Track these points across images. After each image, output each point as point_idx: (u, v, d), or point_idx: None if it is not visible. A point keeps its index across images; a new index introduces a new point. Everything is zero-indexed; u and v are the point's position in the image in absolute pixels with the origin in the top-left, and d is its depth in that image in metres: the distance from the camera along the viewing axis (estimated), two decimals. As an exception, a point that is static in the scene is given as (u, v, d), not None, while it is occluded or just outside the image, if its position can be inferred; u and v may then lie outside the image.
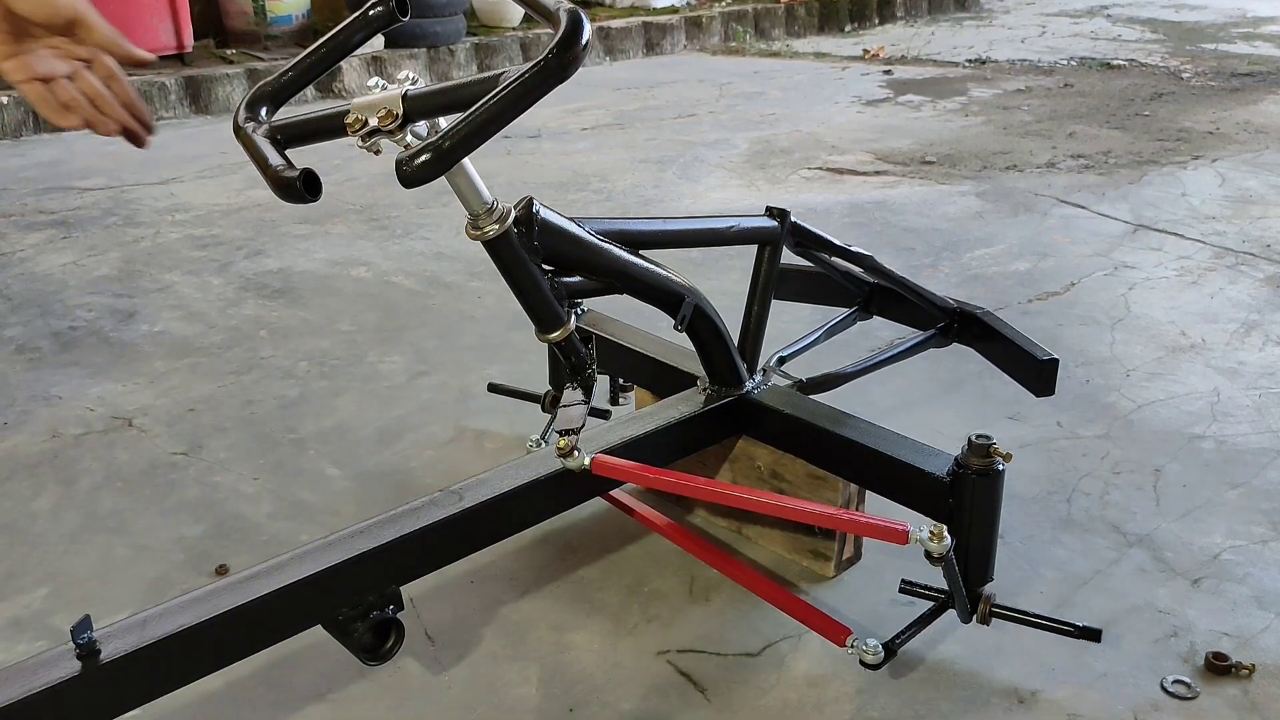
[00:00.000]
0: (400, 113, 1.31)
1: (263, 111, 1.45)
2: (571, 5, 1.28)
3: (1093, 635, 1.55)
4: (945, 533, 1.42)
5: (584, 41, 1.24)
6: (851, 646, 1.53)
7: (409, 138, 1.33)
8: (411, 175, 1.22)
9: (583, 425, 1.60)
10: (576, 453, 1.59)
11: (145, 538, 2.00)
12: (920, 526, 1.44)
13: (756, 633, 1.73)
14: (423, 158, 1.22)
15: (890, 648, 1.53)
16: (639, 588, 1.84)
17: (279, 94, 1.47)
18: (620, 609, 1.79)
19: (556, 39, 1.24)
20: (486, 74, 1.33)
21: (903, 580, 1.67)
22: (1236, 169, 4.21)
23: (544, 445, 1.93)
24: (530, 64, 1.25)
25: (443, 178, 1.32)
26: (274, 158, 1.33)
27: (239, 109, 1.45)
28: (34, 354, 2.79)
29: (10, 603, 1.83)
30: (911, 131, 4.91)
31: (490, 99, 1.23)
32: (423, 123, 1.35)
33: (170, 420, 2.43)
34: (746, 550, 1.93)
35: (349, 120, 1.34)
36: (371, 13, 1.48)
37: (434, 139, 1.23)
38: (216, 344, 2.82)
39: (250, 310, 3.04)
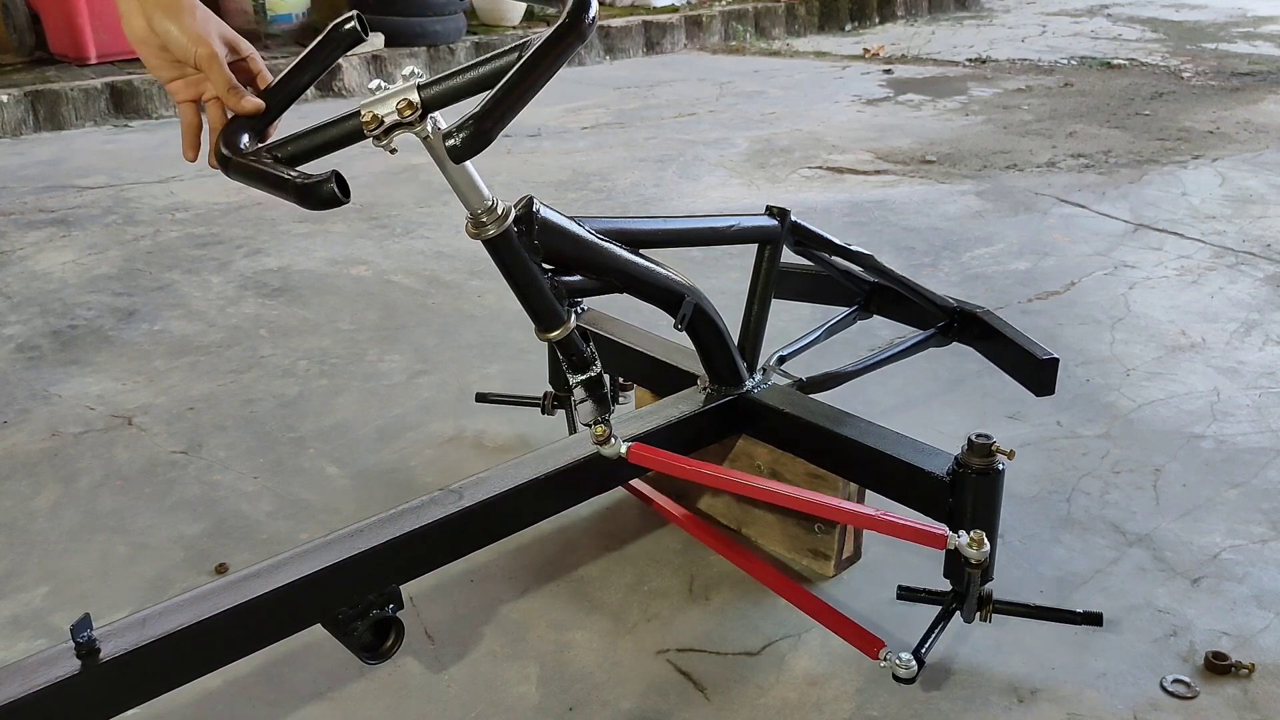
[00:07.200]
0: (419, 102, 1.32)
1: (244, 140, 1.44)
2: None
3: (1094, 620, 1.55)
4: (984, 539, 1.45)
5: (595, 3, 1.29)
6: (885, 660, 1.52)
7: (429, 128, 1.33)
8: (460, 148, 1.24)
9: (611, 410, 1.61)
10: (613, 439, 1.60)
11: (145, 536, 2.00)
12: (959, 532, 1.47)
13: (756, 632, 1.73)
14: (468, 130, 1.23)
15: (920, 659, 1.51)
16: (639, 586, 1.84)
17: (256, 123, 1.46)
18: (620, 608, 1.79)
19: (570, 3, 1.28)
20: (493, 52, 1.36)
21: (900, 586, 1.66)
22: (1237, 168, 4.21)
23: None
24: (549, 30, 1.29)
25: (442, 176, 1.33)
26: (286, 172, 1.34)
27: (217, 147, 1.42)
28: (34, 352, 2.79)
29: (10, 601, 1.83)
30: (912, 130, 4.91)
31: (521, 67, 1.26)
32: (435, 115, 1.36)
33: (170, 419, 2.43)
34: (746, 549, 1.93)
35: (365, 119, 1.33)
36: (335, 34, 1.47)
37: (477, 111, 1.24)
38: (216, 342, 2.82)
39: (250, 309, 3.03)
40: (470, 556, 1.63)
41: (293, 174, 1.33)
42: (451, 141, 1.23)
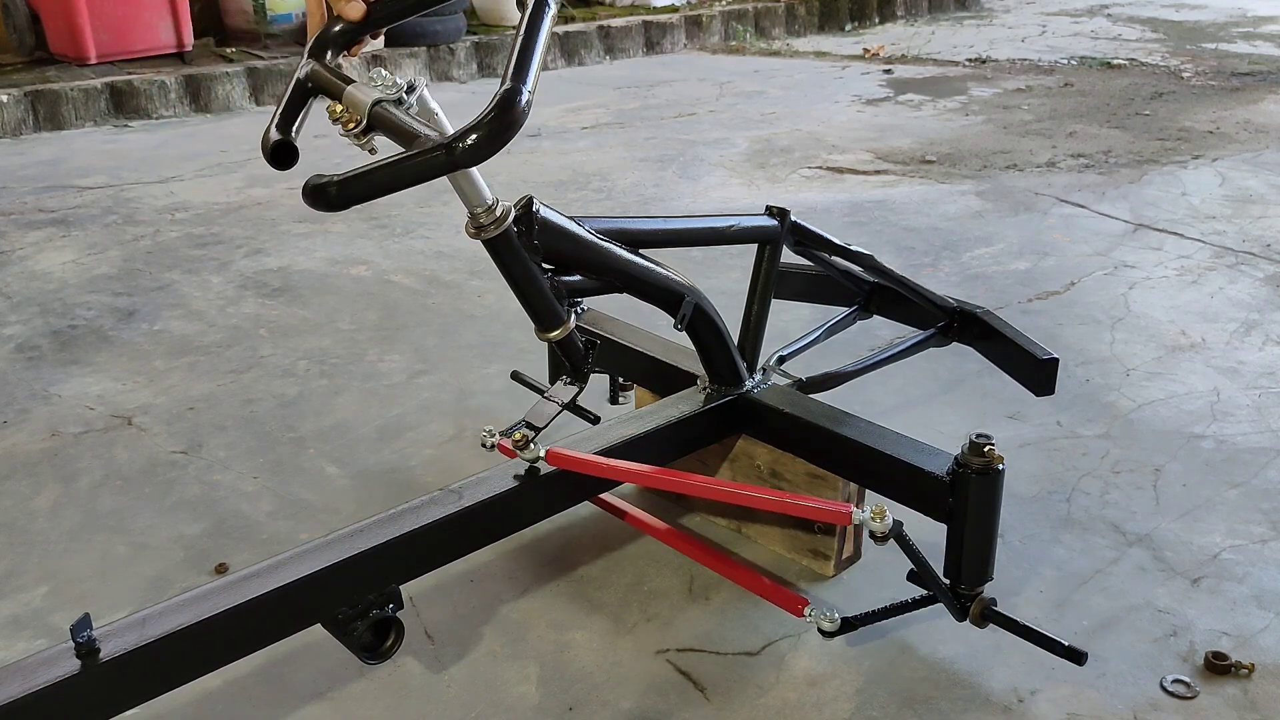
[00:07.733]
0: (364, 121, 1.33)
1: (328, 54, 1.45)
2: (512, 85, 1.27)
3: (1077, 657, 1.50)
4: (886, 511, 1.45)
5: (507, 130, 1.26)
6: (809, 616, 1.58)
7: (374, 143, 1.34)
8: (312, 202, 1.26)
9: (546, 425, 1.63)
10: (532, 445, 1.61)
11: (145, 536, 2.00)
12: (863, 508, 1.47)
13: (756, 632, 1.73)
14: (328, 191, 1.25)
15: (850, 620, 1.55)
16: (638, 586, 1.84)
17: (351, 30, 1.47)
18: (620, 608, 1.79)
19: (484, 117, 1.25)
20: (432, 134, 1.31)
21: (910, 571, 1.66)
22: (1237, 168, 4.21)
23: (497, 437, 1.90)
24: (452, 135, 1.25)
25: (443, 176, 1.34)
26: (282, 114, 1.37)
27: (310, 44, 1.46)
28: (34, 352, 2.79)
29: (10, 601, 1.83)
30: (912, 130, 4.91)
31: (404, 157, 1.25)
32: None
33: (170, 419, 2.43)
34: (746, 549, 1.93)
35: (330, 108, 1.36)
36: None
37: (344, 175, 1.25)
38: (216, 342, 2.82)
39: (250, 309, 3.03)
40: (470, 556, 1.63)
41: (290, 126, 1.36)
42: (309, 188, 1.24)
